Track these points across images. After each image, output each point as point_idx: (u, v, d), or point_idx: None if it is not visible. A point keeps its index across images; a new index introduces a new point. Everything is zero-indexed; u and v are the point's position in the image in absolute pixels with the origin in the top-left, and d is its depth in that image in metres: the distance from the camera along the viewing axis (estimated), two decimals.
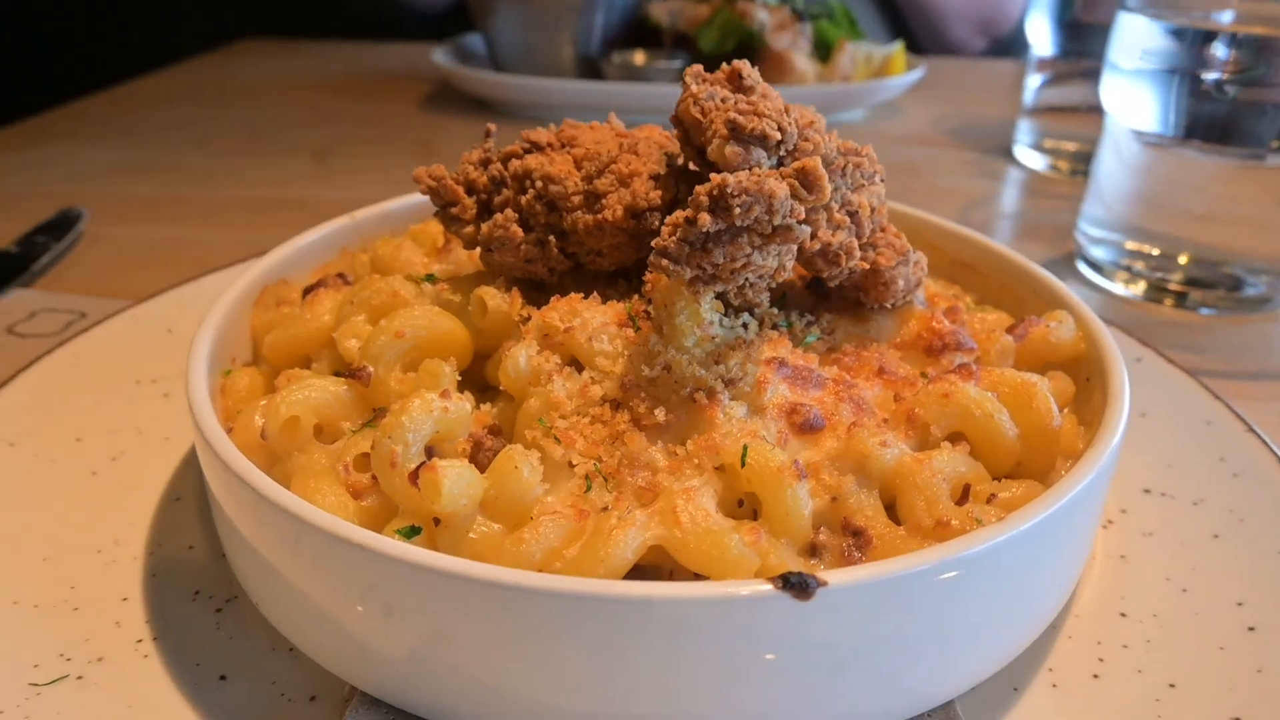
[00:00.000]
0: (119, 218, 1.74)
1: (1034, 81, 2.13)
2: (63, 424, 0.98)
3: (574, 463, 0.71)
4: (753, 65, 0.83)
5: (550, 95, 2.43)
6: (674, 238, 0.72)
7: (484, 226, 0.85)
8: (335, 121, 2.44)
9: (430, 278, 0.90)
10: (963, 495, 0.73)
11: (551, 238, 0.85)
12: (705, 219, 0.70)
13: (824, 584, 0.57)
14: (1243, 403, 1.19)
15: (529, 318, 0.83)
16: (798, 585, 0.57)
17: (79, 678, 0.70)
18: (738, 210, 0.69)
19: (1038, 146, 2.16)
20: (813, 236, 0.80)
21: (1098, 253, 1.56)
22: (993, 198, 1.99)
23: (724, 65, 0.88)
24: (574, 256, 0.87)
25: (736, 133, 0.76)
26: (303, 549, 0.64)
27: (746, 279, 0.75)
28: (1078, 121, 2.12)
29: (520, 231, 0.85)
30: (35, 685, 0.69)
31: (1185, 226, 1.46)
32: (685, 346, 0.75)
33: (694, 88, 0.84)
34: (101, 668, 0.71)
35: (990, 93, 2.79)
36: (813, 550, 0.70)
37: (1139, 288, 1.49)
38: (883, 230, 0.88)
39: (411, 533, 0.66)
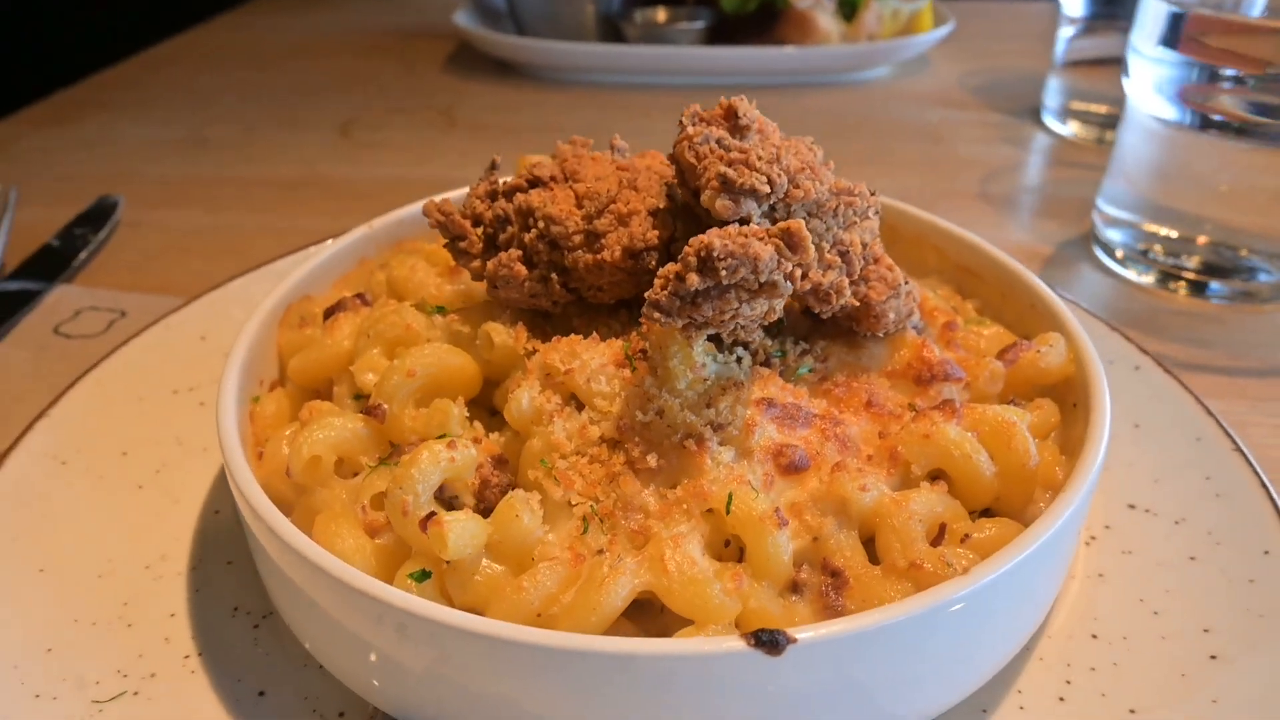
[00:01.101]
0: (154, 203, 1.80)
1: (1065, 32, 2.07)
2: (109, 438, 1.06)
3: (573, 502, 0.77)
4: (775, 25, 0.84)
5: (573, 59, 2.42)
6: (665, 291, 0.76)
7: (489, 264, 0.89)
8: (357, 87, 2.46)
9: (441, 309, 0.95)
10: (939, 535, 0.78)
11: (554, 275, 0.89)
12: (693, 279, 0.73)
13: (793, 640, 0.63)
14: (1242, 402, 1.22)
15: (534, 351, 0.87)
16: (768, 643, 0.62)
17: (135, 694, 0.79)
18: (724, 272, 0.72)
19: (1065, 109, 2.12)
20: (804, 277, 0.83)
21: (1113, 234, 1.55)
22: (1015, 168, 1.97)
23: (721, 101, 0.90)
24: (575, 290, 0.91)
25: (728, 186, 0.79)
26: (321, 591, 0.71)
27: (737, 323, 0.78)
28: (1108, 80, 2.07)
29: (524, 270, 0.89)
30: (98, 702, 0.77)
31: (1204, 207, 1.44)
32: (679, 389, 0.80)
33: (689, 129, 0.87)
34: (155, 684, 0.80)
35: (1021, 42, 2.72)
36: (794, 587, 0.75)
37: (1152, 275, 1.49)
38: (875, 262, 0.90)
39: (423, 576, 0.73)
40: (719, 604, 0.68)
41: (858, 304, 0.87)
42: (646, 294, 0.77)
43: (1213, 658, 0.80)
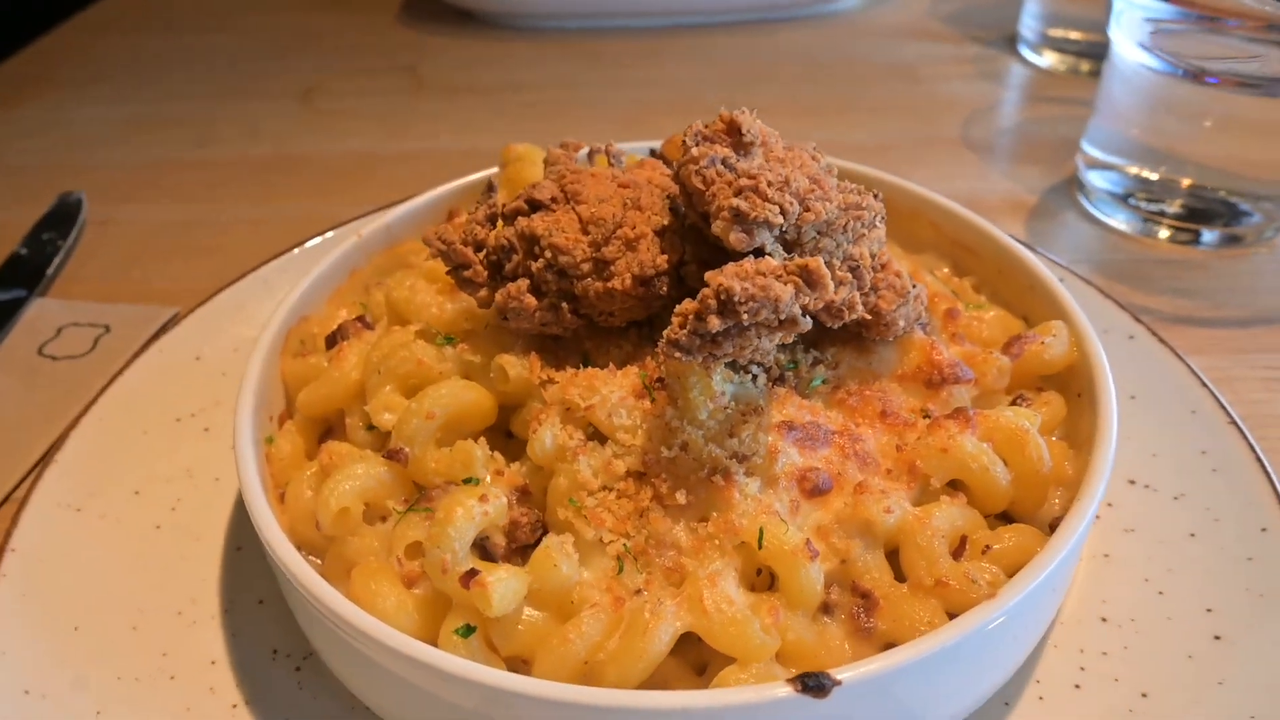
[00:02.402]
0: (118, 197, 1.73)
1: None
2: (120, 479, 1.05)
3: (605, 540, 0.79)
4: None
5: (536, 5, 2.33)
6: (684, 331, 0.76)
7: (498, 296, 0.88)
8: (313, 47, 2.35)
9: (450, 339, 0.94)
10: (960, 546, 0.81)
11: (564, 303, 0.88)
12: (714, 321, 0.73)
13: (839, 683, 0.65)
14: (1229, 355, 1.25)
15: (548, 380, 0.88)
16: (815, 687, 0.65)
17: None
18: (745, 315, 0.73)
19: (1042, 37, 2.09)
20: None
21: (1097, 180, 1.56)
22: (994, 107, 1.95)
23: (722, 114, 0.89)
24: (586, 316, 0.90)
25: (740, 219, 0.78)
26: (369, 651, 0.72)
27: (755, 353, 0.79)
28: (1082, 4, 2.04)
29: (534, 300, 0.88)
30: None
31: (1186, 152, 1.45)
32: (700, 420, 0.81)
33: (693, 150, 0.85)
34: None
35: None
36: (825, 609, 0.78)
37: (1137, 221, 1.51)
38: (883, 269, 0.91)
39: (468, 631, 0.74)
40: (760, 642, 0.71)
41: (869, 317, 0.88)
42: (666, 333, 0.76)
43: (1216, 638, 0.84)
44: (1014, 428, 0.84)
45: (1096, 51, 2.04)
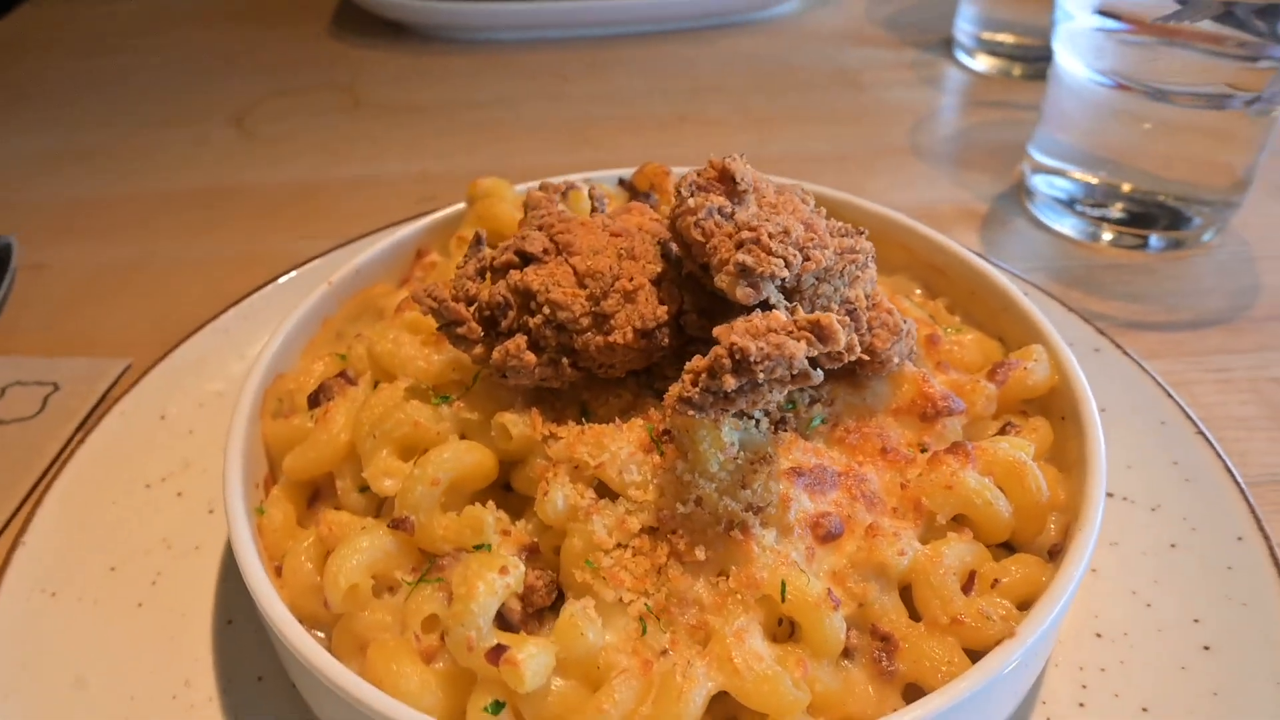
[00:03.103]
0: (47, 239, 1.64)
1: None
2: (93, 556, 1.00)
3: (625, 600, 0.78)
4: None
5: (471, 18, 2.28)
6: (697, 389, 0.76)
7: (495, 354, 0.87)
8: (240, 65, 2.26)
9: (446, 398, 0.92)
10: (969, 581, 0.83)
11: (564, 358, 0.87)
12: (730, 381, 0.74)
13: None
14: (1184, 359, 1.31)
15: (551, 434, 0.86)
16: None
17: None
18: (761, 374, 0.73)
19: (977, 41, 2.15)
20: None
21: (1043, 186, 1.61)
22: (937, 112, 1.99)
23: (713, 163, 0.88)
24: (584, 369, 0.89)
25: (746, 274, 0.78)
26: None
27: (765, 404, 0.79)
28: (1014, 7, 2.10)
29: (533, 357, 0.86)
30: None
31: (1128, 156, 1.51)
32: (711, 472, 0.81)
33: (689, 202, 0.85)
34: None
35: None
36: (845, 653, 0.79)
37: (1084, 227, 1.56)
38: (874, 307, 0.92)
39: (497, 708, 0.73)
40: (794, 698, 0.72)
41: (867, 359, 0.89)
42: (677, 391, 0.76)
43: (1206, 648, 0.89)
44: (1012, 461, 0.86)
45: (1029, 55, 2.11)
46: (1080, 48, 1.42)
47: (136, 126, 1.99)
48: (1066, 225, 1.58)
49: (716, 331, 0.77)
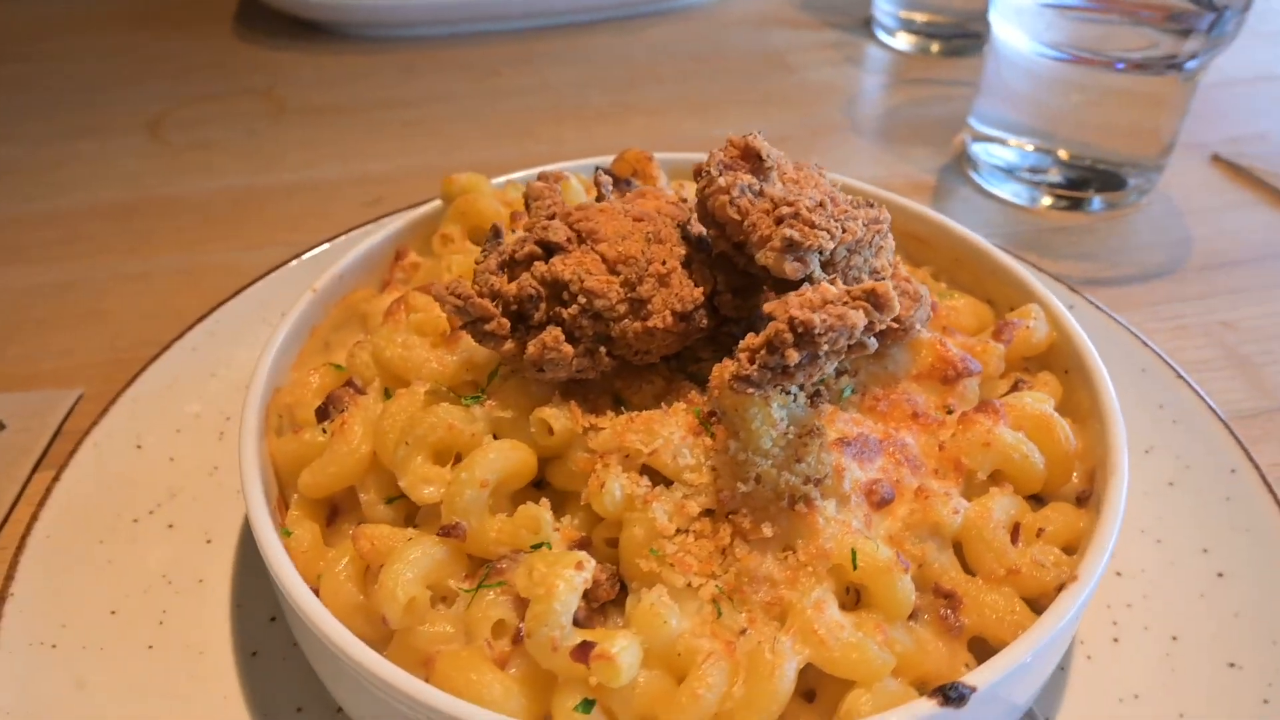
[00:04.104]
0: None
1: None
2: (89, 601, 0.92)
3: (694, 584, 0.78)
4: None
5: (387, 14, 2.21)
6: (755, 367, 0.76)
7: (531, 347, 0.84)
8: (147, 71, 2.12)
9: (477, 397, 0.89)
10: (1014, 533, 0.86)
11: (601, 348, 0.86)
12: (793, 355, 0.74)
13: (974, 689, 0.68)
14: (1139, 310, 1.39)
15: (590, 426, 0.85)
16: (956, 698, 0.68)
17: None
18: (825, 345, 0.73)
19: (896, 20, 2.21)
20: None
21: (984, 155, 1.68)
22: (867, 91, 2.05)
23: (733, 140, 0.88)
24: (620, 357, 0.88)
25: (793, 248, 0.78)
26: None
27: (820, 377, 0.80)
28: None
29: (570, 349, 0.84)
30: None
31: (1062, 123, 1.59)
32: (764, 449, 0.81)
33: (720, 180, 0.84)
34: None
35: None
36: (912, 614, 0.81)
37: (1025, 193, 1.64)
38: (893, 276, 0.94)
39: (587, 706, 0.71)
40: (881, 662, 0.73)
41: (896, 327, 0.91)
42: (736, 370, 0.76)
43: (1220, 575, 0.94)
44: (1041, 414, 0.90)
45: (943, 32, 2.19)
46: (1022, 21, 1.49)
47: (44, 139, 1.84)
48: (1009, 191, 1.66)
49: (769, 308, 0.77)
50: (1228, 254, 1.52)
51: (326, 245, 1.36)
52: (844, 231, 0.82)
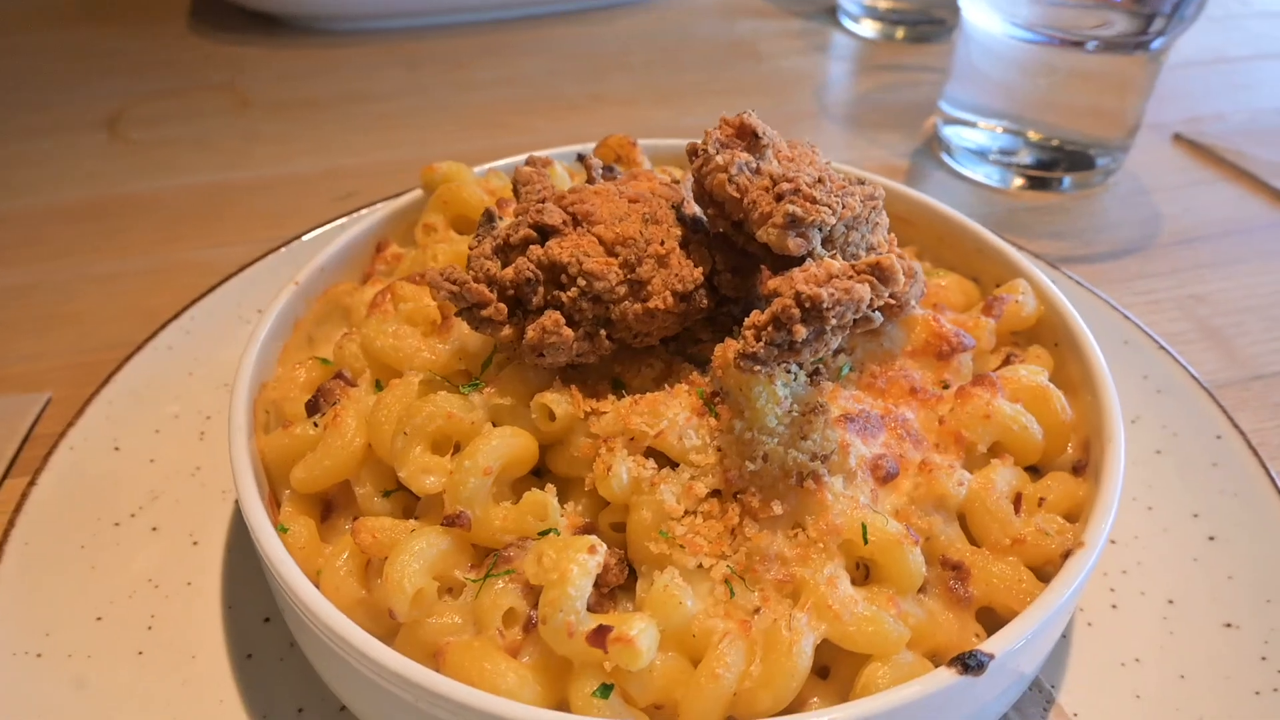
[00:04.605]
0: None
1: None
2: (73, 607, 0.89)
3: (704, 565, 0.77)
4: None
5: (350, 6, 2.17)
6: (760, 344, 0.75)
7: (530, 331, 0.83)
8: (103, 69, 2.05)
9: (476, 385, 0.87)
10: (1015, 503, 0.86)
11: (601, 331, 0.85)
12: (800, 331, 0.73)
13: (991, 656, 0.69)
14: (1114, 286, 1.41)
15: (591, 411, 0.84)
16: (975, 665, 0.68)
17: None
18: (833, 320, 0.73)
19: (861, 7, 2.23)
20: None
21: (956, 138, 1.70)
22: (836, 78, 2.06)
23: (726, 119, 0.88)
24: (619, 340, 0.87)
25: (796, 223, 0.78)
26: None
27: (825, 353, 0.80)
28: None
29: (571, 332, 0.83)
30: None
31: (1032, 105, 1.61)
32: (770, 427, 0.80)
33: (718, 159, 0.84)
34: None
35: None
36: (921, 588, 0.81)
37: (997, 174, 1.66)
38: (889, 253, 0.94)
39: (606, 691, 0.70)
40: (897, 635, 0.73)
41: (892, 301, 0.91)
42: (740, 348, 0.76)
43: (1211, 539, 0.96)
44: (1037, 386, 0.91)
45: (907, 19, 2.21)
46: (994, 2, 1.50)
47: (15, 136, 1.78)
48: (980, 173, 1.67)
49: (773, 284, 0.77)
50: (1195, 230, 1.56)
51: (303, 239, 1.33)
52: (843, 207, 0.82)
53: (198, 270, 1.39)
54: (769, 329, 0.75)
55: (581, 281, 0.83)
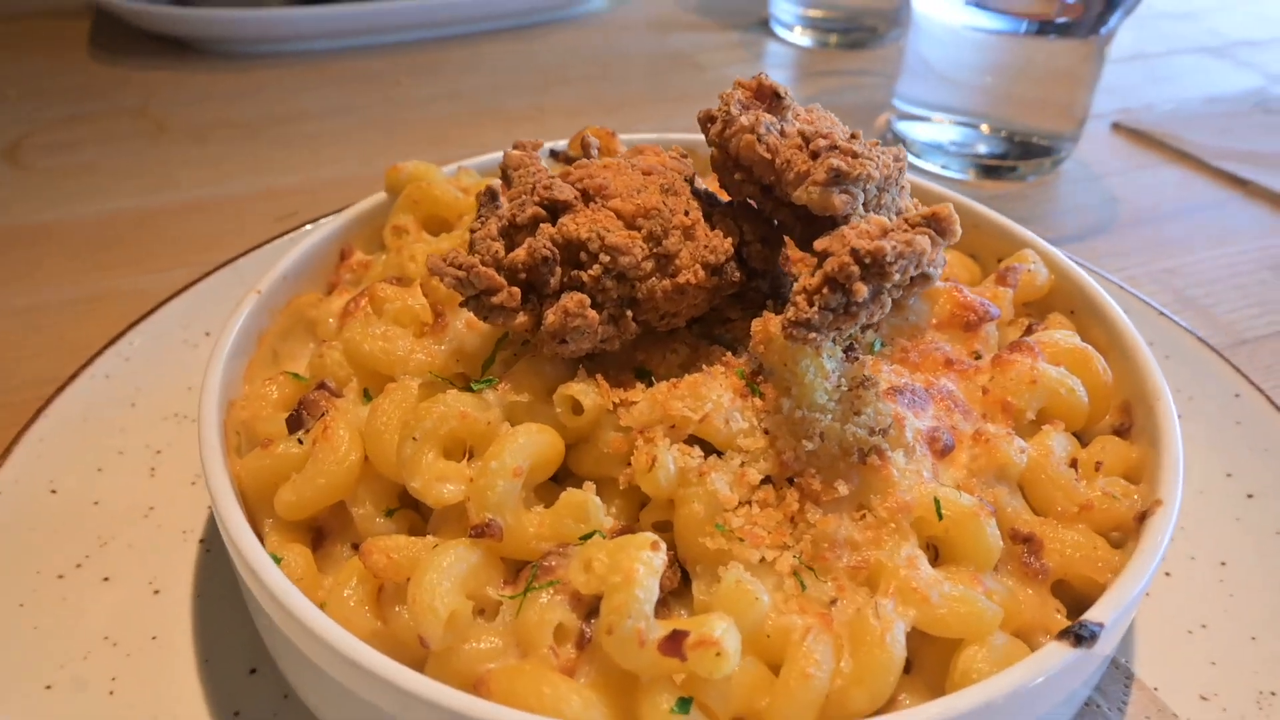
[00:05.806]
0: None
1: None
2: (17, 677, 0.75)
3: (768, 558, 0.69)
4: None
5: (268, 28, 2.06)
6: (815, 309, 0.69)
7: (550, 316, 0.74)
8: (1, 94, 1.88)
9: (490, 381, 0.78)
10: (1073, 468, 0.82)
11: (628, 312, 0.77)
12: (861, 289, 0.67)
13: (1102, 625, 0.63)
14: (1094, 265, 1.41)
15: (620, 402, 0.76)
16: (1088, 637, 0.62)
17: None
18: (897, 275, 0.68)
19: (797, 17, 2.23)
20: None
21: (911, 133, 1.69)
22: (784, 85, 2.04)
23: (743, 83, 0.82)
24: (645, 322, 0.79)
25: (840, 179, 0.72)
26: None
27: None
28: None
29: (596, 315, 0.75)
30: None
31: (981, 104, 1.62)
32: (820, 404, 0.74)
33: (743, 119, 0.78)
34: None
35: None
36: (995, 566, 0.75)
37: (955, 164, 1.65)
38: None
39: (684, 706, 0.61)
40: (992, 615, 0.67)
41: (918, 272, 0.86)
42: (791, 315, 0.69)
43: (1250, 496, 0.94)
44: (1076, 348, 0.87)
45: (839, 27, 2.23)
46: None
47: None
48: (938, 165, 1.67)
49: (822, 244, 0.71)
50: (1150, 210, 1.58)
51: (250, 256, 1.21)
52: (879, 165, 0.77)
53: (129, 298, 1.26)
54: (823, 291, 0.69)
55: (604, 258, 0.75)
